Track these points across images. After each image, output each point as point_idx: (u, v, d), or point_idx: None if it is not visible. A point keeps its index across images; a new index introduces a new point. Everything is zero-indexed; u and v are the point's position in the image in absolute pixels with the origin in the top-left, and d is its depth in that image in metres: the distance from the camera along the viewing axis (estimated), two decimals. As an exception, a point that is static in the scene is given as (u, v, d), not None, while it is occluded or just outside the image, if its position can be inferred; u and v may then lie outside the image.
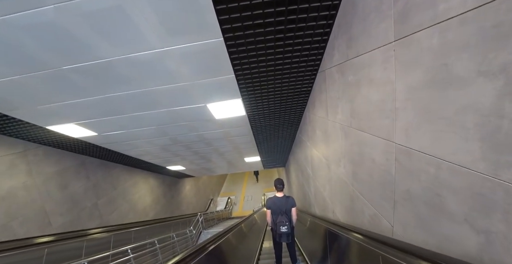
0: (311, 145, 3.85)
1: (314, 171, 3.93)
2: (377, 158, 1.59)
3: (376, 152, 1.60)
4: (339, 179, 2.48)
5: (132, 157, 6.20)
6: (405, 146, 1.26)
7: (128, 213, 6.98)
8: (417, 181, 1.19)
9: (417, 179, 1.19)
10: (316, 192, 3.93)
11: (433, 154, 1.05)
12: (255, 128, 4.73)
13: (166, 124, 4.06)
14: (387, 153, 1.45)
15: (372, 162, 1.68)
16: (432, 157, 1.06)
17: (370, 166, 1.72)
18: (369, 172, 1.74)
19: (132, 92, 2.89)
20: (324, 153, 3.02)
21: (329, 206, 3.09)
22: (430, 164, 1.08)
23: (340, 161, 2.39)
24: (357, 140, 1.90)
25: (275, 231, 3.08)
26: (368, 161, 1.74)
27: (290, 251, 3.34)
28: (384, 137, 1.46)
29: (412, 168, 1.21)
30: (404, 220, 1.35)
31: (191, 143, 5.43)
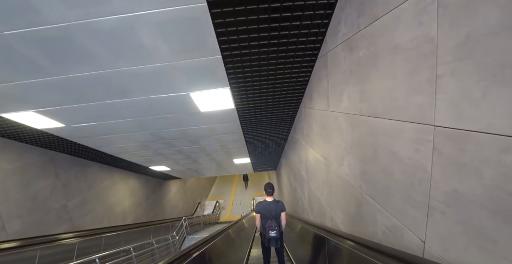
0: (307, 144, 3.46)
1: (309, 173, 3.54)
2: (401, 150, 1.21)
3: (399, 142, 1.21)
4: (342, 180, 2.09)
5: (109, 154, 5.65)
6: (454, 128, 0.88)
7: (104, 216, 6.37)
8: (475, 177, 0.80)
9: (475, 175, 0.80)
10: (311, 197, 3.54)
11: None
12: (244, 125, 4.31)
13: (145, 116, 3.59)
14: (418, 141, 1.07)
15: (391, 156, 1.29)
16: (511, 138, 0.68)
17: (387, 161, 1.34)
18: (386, 169, 1.35)
19: (100, 73, 2.44)
20: (323, 152, 2.63)
21: (326, 212, 2.69)
22: (506, 150, 0.69)
23: (343, 159, 2.00)
24: (369, 130, 1.52)
25: (264, 235, 3.05)
26: (385, 156, 1.35)
27: (279, 256, 3.30)
28: (416, 120, 1.08)
29: (467, 159, 0.83)
30: (445, 234, 0.96)
31: (175, 140, 4.96)
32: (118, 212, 7.07)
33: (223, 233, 4.41)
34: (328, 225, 2.63)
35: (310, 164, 3.39)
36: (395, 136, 1.25)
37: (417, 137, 1.08)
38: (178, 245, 7.52)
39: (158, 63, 2.37)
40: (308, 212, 3.79)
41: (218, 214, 14.76)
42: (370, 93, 1.47)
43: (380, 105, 1.37)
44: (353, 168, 1.82)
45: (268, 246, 3.10)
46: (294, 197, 5.55)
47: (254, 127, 4.48)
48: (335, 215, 2.37)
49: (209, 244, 3.01)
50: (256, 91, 3.13)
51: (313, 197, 3.33)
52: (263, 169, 10.13)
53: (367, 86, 1.51)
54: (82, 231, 4.30)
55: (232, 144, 5.57)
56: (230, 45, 2.23)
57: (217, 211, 14.80)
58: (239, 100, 3.32)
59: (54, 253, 3.47)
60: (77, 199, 5.52)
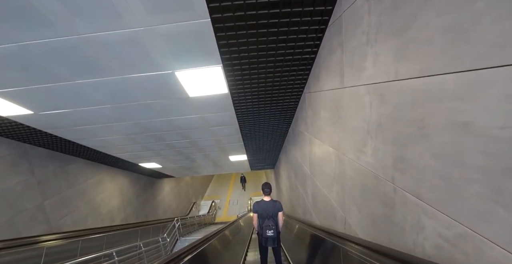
0: (311, 136, 3.01)
1: (314, 169, 3.08)
2: (483, 116, 0.76)
3: (481, 103, 0.76)
4: (361, 173, 1.63)
5: (92, 149, 5.15)
6: None
7: (87, 217, 5.87)
8: None
9: None
10: (316, 195, 3.08)
11: None
12: (240, 115, 3.85)
13: (124, 101, 3.11)
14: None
15: (459, 131, 0.84)
16: None
17: (450, 139, 0.88)
18: (448, 152, 0.90)
19: (58, 41, 1.96)
20: (333, 141, 2.18)
21: (337, 214, 2.23)
22: None
23: (364, 145, 1.55)
24: (412, 98, 1.07)
25: (261, 235, 3.06)
26: (446, 131, 0.90)
27: (276, 256, 3.31)
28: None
29: None
30: None
31: (163, 133, 4.48)
32: (104, 212, 6.57)
33: (217, 235, 4.05)
34: (339, 229, 2.17)
35: (315, 158, 2.94)
36: (469, 97, 0.80)
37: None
38: (170, 248, 7.04)
39: (133, 27, 1.90)
40: (312, 213, 3.34)
41: (214, 215, 14.28)
42: (417, 43, 1.02)
43: (437, 54, 0.92)
44: (380, 156, 1.37)
45: (265, 246, 3.11)
46: (294, 197, 5.09)
47: (251, 118, 4.02)
48: (350, 218, 1.91)
49: (202, 247, 2.84)
50: (253, 72, 2.67)
51: (319, 196, 2.88)
52: (261, 167, 9.67)
53: (410, 34, 1.06)
54: (54, 234, 3.80)
55: (227, 138, 5.11)
56: (221, 3, 1.78)
57: (213, 211, 14.32)
58: (233, 82, 2.85)
59: (13, 261, 2.97)
60: (55, 198, 5.02)
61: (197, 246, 2.75)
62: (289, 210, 6.40)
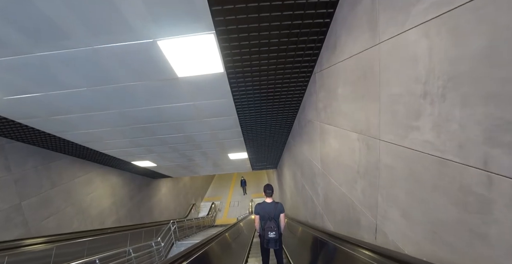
0: (324, 122, 2.51)
1: (327, 163, 2.57)
2: None
3: None
4: (412, 159, 1.12)
5: (77, 144, 4.68)
6: None
7: (73, 219, 5.38)
8: None
9: None
10: (330, 195, 2.57)
11: None
12: (239, 103, 3.36)
13: (101, 82, 2.63)
14: None
15: None
16: None
17: None
18: None
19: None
20: (358, 122, 1.68)
21: (362, 218, 1.72)
22: None
23: (417, 116, 1.05)
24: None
25: (263, 236, 3.05)
26: None
27: (278, 258, 3.30)
28: None
29: None
30: None
31: (153, 126, 3.99)
32: (93, 214, 6.08)
33: (216, 239, 3.72)
34: (366, 239, 1.66)
35: (329, 150, 2.43)
36: None
37: None
38: (164, 253, 6.52)
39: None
40: (324, 217, 2.82)
41: (213, 217, 13.75)
42: None
43: None
44: (455, 128, 0.86)
45: (267, 247, 3.10)
46: (300, 198, 4.57)
47: (252, 108, 3.53)
48: (385, 224, 1.40)
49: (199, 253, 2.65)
50: (254, 43, 2.18)
51: (334, 195, 2.37)
52: (263, 167, 9.16)
53: None
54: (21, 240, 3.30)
55: (226, 132, 4.61)
56: None
57: (213, 213, 13.79)
58: (230, 58, 2.36)
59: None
60: (36, 198, 4.54)
61: (193, 252, 2.56)
62: (293, 213, 5.88)
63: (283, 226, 3.08)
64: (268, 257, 3.35)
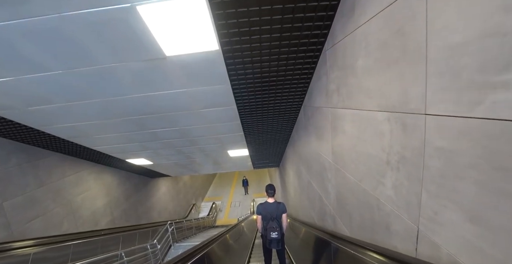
0: (337, 106, 2.13)
1: (340, 155, 2.19)
2: None
3: None
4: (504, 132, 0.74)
5: (65, 140, 4.33)
6: None
7: (63, 221, 5.04)
8: None
9: None
10: (344, 193, 2.19)
11: None
12: (238, 89, 2.99)
13: (78, 63, 2.26)
14: None
15: None
16: None
17: None
18: None
19: None
20: (389, 96, 1.30)
21: (394, 222, 1.34)
22: None
23: (508, 66, 0.67)
24: None
25: (265, 237, 3.06)
26: None
27: (280, 258, 3.29)
28: None
29: None
30: None
31: (144, 119, 3.63)
32: (85, 215, 5.74)
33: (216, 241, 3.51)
34: (402, 250, 1.28)
35: (344, 139, 2.05)
36: None
37: None
38: (161, 256, 6.17)
39: None
40: (336, 219, 2.44)
41: (214, 217, 13.41)
42: None
43: None
44: None
45: (269, 248, 3.09)
46: (306, 196, 4.20)
47: (252, 96, 3.16)
48: (440, 233, 1.01)
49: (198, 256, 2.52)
50: (253, 10, 1.81)
51: (351, 193, 1.99)
52: (264, 165, 8.79)
53: None
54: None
55: (225, 126, 4.24)
56: None
57: (213, 213, 13.44)
58: (225, 32, 1.99)
59: None
60: (20, 198, 4.20)
61: (192, 254, 2.44)
62: (297, 213, 5.51)
63: (285, 226, 3.08)
64: (270, 257, 3.34)
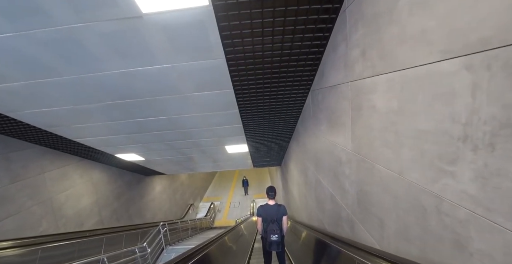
0: (363, 76, 1.63)
1: (366, 141, 1.67)
2: None
3: None
4: None
5: (42, 130, 3.85)
6: None
7: (41, 220, 4.55)
8: None
9: None
10: (371, 191, 1.67)
11: None
12: (234, 62, 2.49)
13: (29, 24, 1.77)
14: None
15: None
16: None
17: None
18: None
19: None
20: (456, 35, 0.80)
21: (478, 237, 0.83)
22: None
23: None
24: None
25: (265, 239, 3.06)
26: None
27: (280, 261, 3.29)
28: None
29: None
30: None
31: (127, 104, 3.13)
32: (69, 214, 5.25)
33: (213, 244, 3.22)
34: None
35: (372, 118, 1.54)
36: None
37: None
38: (151, 260, 5.67)
39: None
40: (357, 225, 1.92)
41: (212, 218, 12.89)
42: None
43: None
44: None
45: (269, 250, 3.10)
46: (314, 197, 3.68)
47: (252, 76, 2.65)
48: None
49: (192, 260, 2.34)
50: None
51: (383, 190, 1.47)
52: (265, 163, 8.27)
53: None
54: None
55: (220, 115, 3.74)
56: None
57: (211, 214, 12.92)
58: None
59: None
60: (-12, 195, 3.72)
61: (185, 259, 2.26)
62: (303, 217, 4.99)
63: (285, 228, 3.08)
64: (270, 259, 3.33)
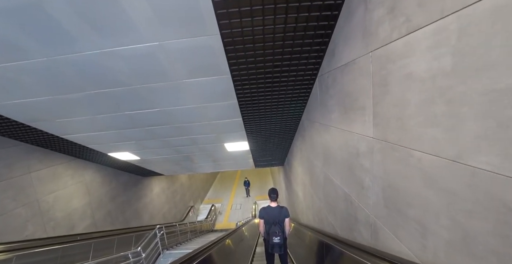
0: (392, 38, 1.28)
1: (394, 124, 1.32)
2: None
3: None
4: None
5: (26, 125, 3.53)
6: None
7: (27, 223, 4.23)
8: None
9: None
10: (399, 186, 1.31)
11: None
12: (230, 41, 2.15)
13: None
14: None
15: None
16: None
17: None
18: None
19: None
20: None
21: None
22: None
23: None
24: None
25: (268, 241, 3.07)
26: None
27: (282, 262, 3.28)
28: None
29: None
30: None
31: (111, 93, 2.81)
32: (58, 217, 4.92)
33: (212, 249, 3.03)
34: None
35: (406, 92, 1.20)
36: None
37: None
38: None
39: None
40: (382, 230, 1.55)
41: (213, 221, 12.52)
42: None
43: None
44: None
45: (271, 252, 3.09)
46: (322, 197, 3.32)
47: (251, 57, 2.32)
48: None
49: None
50: None
51: (425, 185, 1.12)
52: (267, 163, 7.91)
53: None
54: None
55: (218, 107, 3.41)
56: None
57: (212, 216, 12.55)
58: None
59: None
60: (-36, 196, 3.40)
61: None
62: (309, 220, 4.63)
63: (287, 230, 3.07)
64: (273, 262, 3.35)
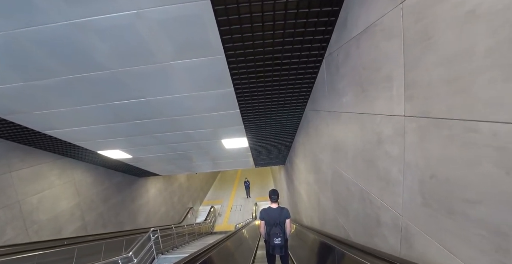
0: None
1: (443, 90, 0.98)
2: None
3: None
4: None
5: (2, 119, 3.20)
6: None
7: (5, 227, 3.88)
8: None
9: None
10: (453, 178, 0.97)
11: None
12: (224, 13, 1.81)
13: None
14: None
15: None
16: None
17: None
18: None
19: None
20: None
21: None
22: None
23: None
24: None
25: (269, 242, 3.06)
26: None
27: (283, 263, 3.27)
28: None
29: None
30: None
31: (91, 80, 2.46)
32: (43, 219, 4.57)
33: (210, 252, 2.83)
34: None
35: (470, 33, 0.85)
36: None
37: None
38: (138, 272, 4.95)
39: None
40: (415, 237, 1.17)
41: (212, 223, 12.14)
42: None
43: None
44: None
45: (272, 254, 3.08)
46: (330, 196, 2.96)
47: (249, 37, 1.98)
48: None
49: None
50: None
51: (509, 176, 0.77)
52: (268, 162, 7.56)
53: None
54: None
55: (212, 96, 3.06)
56: None
57: (211, 218, 12.18)
58: None
59: None
60: None
61: None
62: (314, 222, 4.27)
63: (288, 231, 3.06)
64: (274, 263, 3.34)
